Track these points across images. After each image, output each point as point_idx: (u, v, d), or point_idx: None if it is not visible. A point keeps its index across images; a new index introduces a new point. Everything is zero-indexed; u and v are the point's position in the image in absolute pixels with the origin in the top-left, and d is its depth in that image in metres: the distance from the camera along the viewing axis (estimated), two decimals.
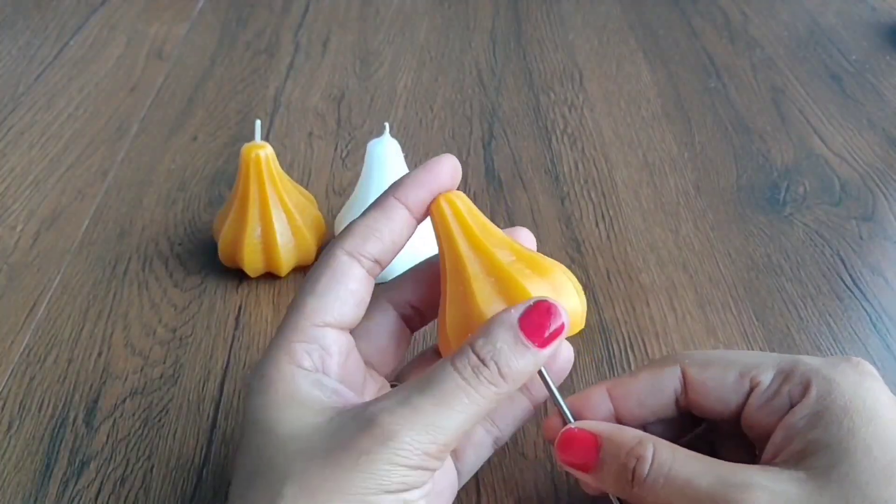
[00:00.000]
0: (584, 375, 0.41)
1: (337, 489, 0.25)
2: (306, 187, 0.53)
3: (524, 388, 0.33)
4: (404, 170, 0.44)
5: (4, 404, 0.39)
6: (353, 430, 0.26)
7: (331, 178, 0.54)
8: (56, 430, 0.38)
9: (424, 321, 0.34)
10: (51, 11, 0.75)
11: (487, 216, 0.31)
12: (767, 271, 0.47)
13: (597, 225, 0.50)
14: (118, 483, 0.36)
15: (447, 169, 0.31)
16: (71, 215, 0.51)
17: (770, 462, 0.28)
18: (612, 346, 0.42)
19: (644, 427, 0.32)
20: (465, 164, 0.55)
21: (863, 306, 0.45)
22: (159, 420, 0.38)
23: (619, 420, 0.32)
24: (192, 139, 0.58)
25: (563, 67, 0.67)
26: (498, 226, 0.31)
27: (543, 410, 0.39)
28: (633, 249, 0.49)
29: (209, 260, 0.47)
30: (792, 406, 0.29)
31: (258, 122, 0.44)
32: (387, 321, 0.33)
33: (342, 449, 0.25)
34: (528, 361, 0.27)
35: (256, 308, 0.45)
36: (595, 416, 0.32)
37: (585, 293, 0.33)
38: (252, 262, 0.44)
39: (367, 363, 0.32)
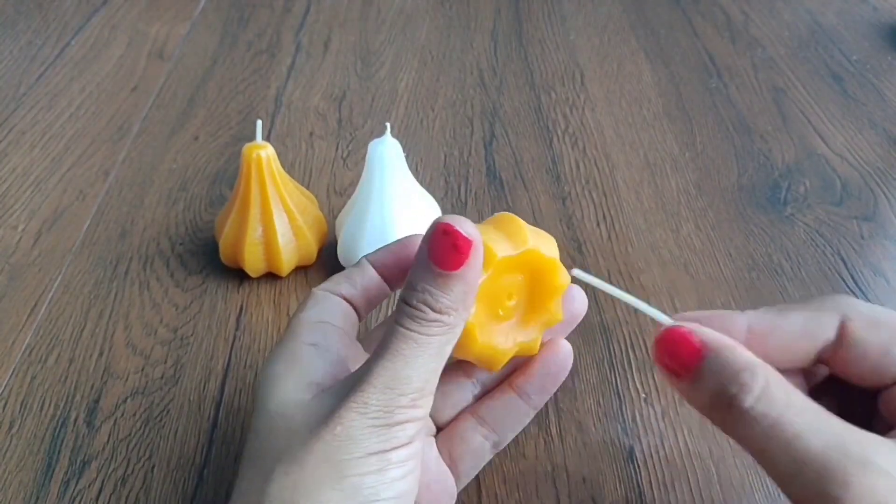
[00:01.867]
0: (585, 376, 0.41)
1: (323, 459, 0.25)
2: (307, 187, 0.53)
3: (523, 394, 0.32)
4: (405, 170, 0.44)
5: (6, 404, 0.39)
6: (329, 404, 0.27)
7: (332, 179, 0.54)
8: (57, 429, 0.38)
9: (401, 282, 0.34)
10: (52, 11, 0.75)
11: (488, 216, 0.31)
12: (768, 271, 0.47)
13: (598, 225, 0.50)
14: (119, 483, 0.36)
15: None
16: (72, 215, 0.51)
17: None
18: (612, 346, 0.42)
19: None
20: (466, 164, 0.55)
21: None
22: (160, 420, 0.38)
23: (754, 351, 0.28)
24: (194, 139, 0.58)
25: (565, 67, 0.67)
26: (499, 226, 0.31)
27: (544, 414, 0.39)
28: (634, 249, 0.49)
29: (210, 260, 0.47)
30: None
31: (259, 123, 0.44)
32: (370, 278, 0.34)
33: (322, 423, 0.26)
34: (455, 289, 0.27)
35: (258, 308, 0.45)
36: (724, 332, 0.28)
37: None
38: (253, 262, 0.45)
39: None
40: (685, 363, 0.27)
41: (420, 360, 0.27)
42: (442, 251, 0.26)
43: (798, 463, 0.24)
